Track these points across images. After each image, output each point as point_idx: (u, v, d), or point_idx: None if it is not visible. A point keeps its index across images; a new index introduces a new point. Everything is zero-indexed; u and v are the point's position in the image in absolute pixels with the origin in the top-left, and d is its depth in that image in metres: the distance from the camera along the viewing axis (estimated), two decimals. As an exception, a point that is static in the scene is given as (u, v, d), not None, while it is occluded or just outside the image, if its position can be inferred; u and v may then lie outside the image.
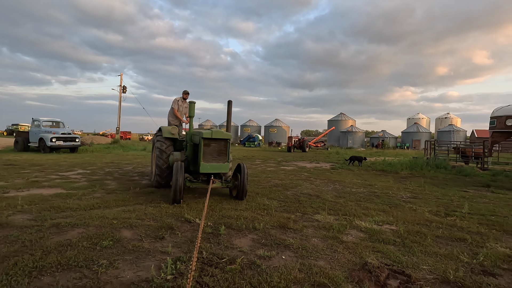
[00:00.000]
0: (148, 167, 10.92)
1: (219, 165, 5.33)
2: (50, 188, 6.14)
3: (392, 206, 5.65)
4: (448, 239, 3.78)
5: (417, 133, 46.51)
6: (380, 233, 3.87)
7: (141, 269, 2.63)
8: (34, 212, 4.27)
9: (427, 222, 4.52)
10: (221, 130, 5.50)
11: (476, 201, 6.46)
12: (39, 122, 16.57)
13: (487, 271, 2.85)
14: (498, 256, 3.20)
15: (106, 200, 5.20)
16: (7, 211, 4.20)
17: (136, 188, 6.39)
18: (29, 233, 3.35)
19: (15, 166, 9.52)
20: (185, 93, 7.44)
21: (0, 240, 3.13)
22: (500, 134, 8.56)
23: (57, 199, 5.13)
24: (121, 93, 31.84)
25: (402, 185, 8.55)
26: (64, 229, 3.55)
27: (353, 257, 3.06)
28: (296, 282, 2.48)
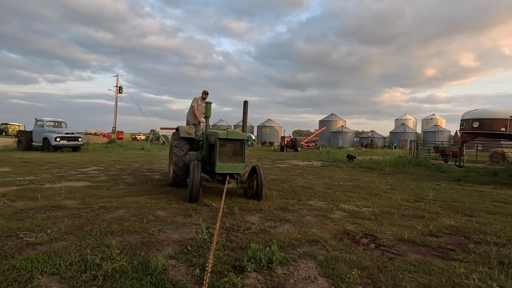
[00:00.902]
0: (155, 164, 11.79)
1: (235, 165, 5.39)
2: (77, 181, 7.01)
3: (372, 195, 6.74)
4: (411, 216, 4.87)
5: (404, 133, 48.38)
6: (359, 213, 4.93)
7: (183, 233, 3.61)
8: (78, 198, 5.18)
9: (398, 206, 5.61)
10: (236, 130, 5.62)
11: (443, 192, 7.63)
12: (42, 122, 17.17)
13: (432, 234, 3.93)
14: (444, 225, 4.30)
15: (132, 190, 6.13)
16: (58, 198, 5.10)
17: (153, 181, 7.31)
18: (86, 212, 4.28)
19: (31, 163, 10.26)
20: (204, 93, 7.34)
21: (66, 216, 4.05)
22: (468, 135, 9.80)
23: (90, 190, 6.03)
24: (117, 94, 32.33)
25: (384, 180, 9.69)
26: (111, 210, 4.49)
27: (337, 227, 4.10)
28: (296, 239, 3.50)
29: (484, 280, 2.59)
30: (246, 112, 6.27)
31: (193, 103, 7.32)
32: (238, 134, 5.45)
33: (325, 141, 52.31)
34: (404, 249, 3.36)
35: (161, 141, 32.49)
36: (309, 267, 2.78)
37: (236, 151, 5.45)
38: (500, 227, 4.28)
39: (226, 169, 5.31)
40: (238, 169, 5.42)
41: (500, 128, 8.82)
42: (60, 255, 2.73)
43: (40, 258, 2.64)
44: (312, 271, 2.70)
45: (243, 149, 5.50)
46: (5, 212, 4.11)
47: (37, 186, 6.20)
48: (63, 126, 18.06)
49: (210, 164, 5.69)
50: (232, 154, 5.43)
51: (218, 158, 5.28)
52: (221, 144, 5.33)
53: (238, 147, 5.46)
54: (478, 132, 9.48)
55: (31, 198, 5.08)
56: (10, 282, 2.24)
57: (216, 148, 5.29)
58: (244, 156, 5.52)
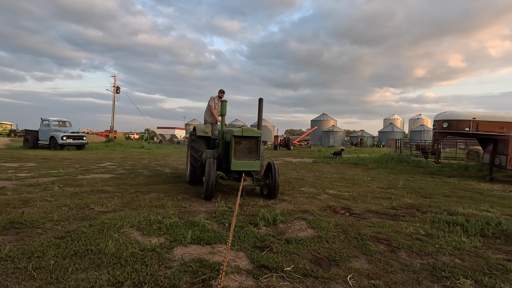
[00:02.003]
0: (161, 161, 12.90)
1: (250, 162, 5.44)
2: (102, 174, 8.11)
3: (354, 184, 8.06)
4: (381, 198, 6.18)
5: (392, 133, 50.34)
6: (341, 196, 6.22)
7: (207, 207, 4.81)
8: (113, 186, 6.33)
9: (373, 191, 6.93)
10: (252, 128, 5.68)
11: (414, 182, 9.01)
12: (48, 121, 18.04)
13: (393, 208, 5.23)
14: (404, 203, 5.62)
15: (153, 180, 7.29)
16: (98, 185, 6.24)
17: (167, 174, 8.47)
18: (126, 195, 5.44)
19: (50, 160, 11.26)
20: (221, 92, 7.31)
21: (113, 197, 5.20)
22: (439, 134, 11.20)
23: (118, 180, 7.16)
24: (115, 94, 33.09)
25: (366, 173, 11.05)
26: (145, 193, 5.65)
27: (323, 203, 5.37)
28: (292, 210, 4.75)
29: (417, 230, 3.89)
30: (261, 110, 6.27)
31: (210, 102, 7.34)
32: (253, 132, 5.52)
33: (317, 140, 53.88)
34: (369, 216, 4.65)
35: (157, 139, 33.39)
36: (301, 224, 4.04)
37: (251, 149, 5.51)
38: (445, 204, 5.63)
39: (242, 167, 5.39)
40: (254, 166, 5.46)
41: (465, 128, 10.25)
42: (128, 217, 3.92)
43: (117, 219, 3.82)
44: (303, 225, 3.96)
45: (258, 147, 5.53)
46: (65, 194, 5.25)
47: (72, 177, 7.30)
48: (67, 126, 18.94)
49: (226, 162, 5.74)
50: (248, 151, 5.50)
51: (233, 156, 5.35)
52: (236, 141, 5.41)
53: (253, 144, 5.52)
54: (447, 132, 10.90)
55: (77, 185, 6.21)
56: (106, 229, 3.42)
57: (231, 145, 5.37)
58: (259, 154, 5.56)
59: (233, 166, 5.33)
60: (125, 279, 2.31)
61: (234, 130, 5.49)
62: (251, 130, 5.50)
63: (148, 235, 3.33)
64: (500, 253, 3.25)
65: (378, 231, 3.80)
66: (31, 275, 2.33)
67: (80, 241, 3.01)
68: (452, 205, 5.54)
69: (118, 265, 2.53)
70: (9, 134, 50.88)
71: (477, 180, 10.22)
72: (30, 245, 2.88)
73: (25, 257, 2.62)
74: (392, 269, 2.72)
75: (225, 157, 5.86)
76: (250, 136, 5.48)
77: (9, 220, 3.59)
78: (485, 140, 11.55)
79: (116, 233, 3.31)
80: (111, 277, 2.32)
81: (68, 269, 2.43)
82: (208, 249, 3.03)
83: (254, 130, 5.54)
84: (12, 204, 4.37)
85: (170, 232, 3.42)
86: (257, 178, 5.81)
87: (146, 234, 3.35)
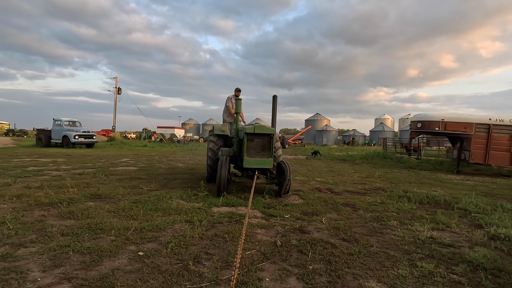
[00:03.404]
0: (170, 157, 14.41)
1: (263, 160, 5.38)
2: (128, 167, 9.61)
3: (339, 174, 9.72)
4: (358, 183, 7.83)
5: (382, 132, 52.40)
6: (327, 182, 7.85)
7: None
8: (144, 175, 7.86)
9: (353, 179, 8.58)
10: (264, 125, 5.64)
11: (390, 173, 10.70)
12: (60, 122, 19.36)
13: (365, 189, 6.88)
14: (374, 186, 7.27)
15: (172, 171, 8.83)
16: (132, 174, 7.77)
17: (182, 167, 10.01)
18: (158, 180, 6.97)
19: (74, 156, 12.69)
20: (237, 91, 7.35)
21: (148, 181, 6.73)
22: (414, 133, 12.95)
23: (144, 171, 8.67)
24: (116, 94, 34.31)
25: (352, 167, 12.73)
26: (172, 179, 7.20)
27: (311, 186, 6.99)
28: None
29: (375, 200, 5.52)
30: (275, 107, 6.21)
31: (227, 103, 7.48)
32: (266, 129, 5.48)
33: (311, 139, 55.69)
34: (345, 193, 6.29)
35: (158, 138, 34.75)
36: (295, 197, 5.66)
37: (264, 146, 5.48)
38: (406, 187, 7.30)
39: (254, 164, 5.36)
40: (266, 164, 5.40)
41: (435, 127, 11.97)
42: (171, 193, 5.47)
43: (164, 193, 5.37)
44: (296, 198, 5.58)
45: (271, 144, 5.49)
46: (113, 180, 6.78)
47: (106, 168, 8.79)
48: (77, 125, 20.26)
49: (240, 159, 5.71)
50: (260, 149, 5.46)
51: (245, 153, 5.35)
52: (249, 139, 5.41)
53: (266, 141, 5.48)
54: (421, 131, 12.63)
55: (116, 174, 7.73)
56: (161, 199, 4.97)
57: (244, 143, 5.37)
58: (272, 151, 5.51)
59: (245, 163, 5.34)
60: (190, 218, 3.89)
61: (246, 127, 5.53)
62: (263, 127, 5.48)
63: (191, 202, 4.91)
64: (425, 211, 4.90)
65: (348, 201, 5.44)
66: (132, 217, 3.89)
67: (148, 204, 4.56)
68: (410, 188, 7.20)
69: (183, 214, 4.11)
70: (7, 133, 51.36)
71: (446, 173, 11.96)
72: (118, 206, 4.43)
73: (120, 211, 4.17)
74: (351, 217, 4.35)
75: (239, 154, 5.83)
76: (263, 134, 5.44)
77: (91, 193, 5.13)
78: (454, 138, 13.33)
79: (169, 200, 4.87)
80: (182, 218, 3.90)
81: (152, 215, 3.99)
82: (234, 209, 4.61)
83: (266, 127, 5.55)
84: (84, 184, 5.90)
85: (205, 200, 5.00)
86: (271, 176, 5.86)
87: (190, 202, 4.92)
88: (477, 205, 5.13)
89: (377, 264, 2.78)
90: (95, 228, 3.41)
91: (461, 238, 3.63)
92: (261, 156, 5.47)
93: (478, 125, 11.64)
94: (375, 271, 2.63)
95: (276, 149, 6.10)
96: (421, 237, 3.55)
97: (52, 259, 2.61)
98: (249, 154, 5.41)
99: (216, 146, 6.60)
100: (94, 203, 4.58)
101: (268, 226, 3.81)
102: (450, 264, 2.83)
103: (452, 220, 4.28)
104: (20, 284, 2.18)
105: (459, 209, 5.03)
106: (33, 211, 4.03)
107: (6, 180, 6.09)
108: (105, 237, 3.18)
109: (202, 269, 2.54)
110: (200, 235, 3.33)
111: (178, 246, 2.99)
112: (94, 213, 4.00)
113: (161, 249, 2.91)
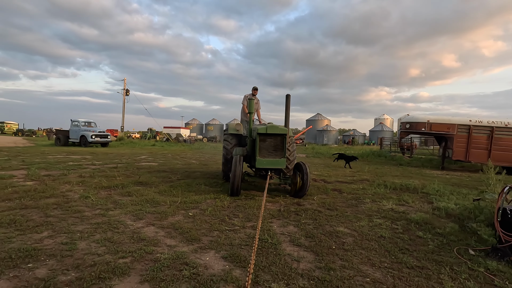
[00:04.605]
0: (182, 155, 15.84)
1: (275, 160, 5.33)
2: (149, 163, 11.03)
3: (333, 169, 11.10)
4: (348, 176, 9.22)
5: (381, 132, 53.64)
6: (322, 175, 9.24)
7: (237, 178, 7.81)
8: (167, 169, 9.28)
9: (345, 173, 9.97)
10: (277, 125, 5.56)
11: (380, 169, 12.07)
12: (78, 122, 20.84)
13: (353, 180, 8.26)
14: (362, 178, 8.67)
15: (189, 167, 10.25)
16: (157, 167, 9.19)
17: (196, 163, 11.44)
18: (180, 172, 8.39)
19: (98, 154, 14.14)
20: (254, 89, 7.36)
21: (172, 174, 8.15)
22: (403, 133, 14.33)
23: (165, 166, 10.09)
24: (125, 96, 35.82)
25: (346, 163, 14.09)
26: (192, 172, 8.61)
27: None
28: (289, 180, 7.77)
29: (358, 187, 6.91)
30: (288, 107, 6.04)
31: (243, 102, 7.57)
32: (278, 129, 5.41)
33: (311, 138, 57.03)
34: (336, 183, 7.68)
35: (164, 138, 36.18)
36: (294, 184, 7.06)
37: (276, 146, 5.43)
38: (388, 178, 8.68)
39: (266, 164, 5.33)
40: (279, 164, 5.36)
41: (421, 128, 13.32)
42: (196, 181, 6.88)
43: (191, 181, 6.78)
44: (295, 185, 6.99)
45: (284, 144, 5.43)
46: (144, 172, 8.20)
47: (132, 164, 10.22)
48: (93, 126, 21.73)
49: (254, 159, 5.62)
50: (273, 149, 5.43)
51: (258, 153, 5.33)
52: (261, 139, 5.38)
53: (278, 142, 5.43)
54: (409, 131, 13.99)
55: (144, 167, 9.16)
56: (187, 185, 6.38)
57: (256, 143, 5.35)
58: (285, 152, 5.44)
59: (258, 163, 5.33)
60: (217, 196, 5.30)
61: (258, 127, 5.51)
62: (276, 128, 5.41)
63: (214, 187, 6.31)
64: (395, 194, 6.28)
65: (337, 187, 6.84)
66: (174, 196, 5.29)
67: (182, 188, 5.97)
68: (392, 179, 8.58)
69: (210, 193, 5.52)
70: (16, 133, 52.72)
71: (432, 169, 13.31)
72: (159, 189, 5.84)
73: (163, 192, 5.57)
74: (336, 197, 5.75)
75: (252, 154, 5.80)
76: (275, 134, 5.40)
77: (134, 181, 6.56)
78: (440, 138, 14.68)
79: (197, 186, 6.29)
80: (210, 196, 5.31)
81: (188, 194, 5.40)
82: (247, 192, 6.01)
83: (279, 127, 5.46)
84: (124, 175, 7.34)
85: (225, 186, 6.41)
86: (284, 177, 5.87)
87: (212, 187, 6.33)
88: (438, 191, 6.51)
89: (347, 220, 4.19)
90: (151, 201, 4.83)
91: (412, 209, 5.02)
92: (274, 156, 5.42)
93: (460, 126, 12.99)
94: (345, 223, 4.04)
95: (291, 152, 6.08)
96: (384, 208, 4.96)
97: (134, 216, 4.02)
98: (261, 154, 5.38)
99: (230, 145, 6.61)
100: (140, 187, 5.99)
101: (274, 202, 5.23)
102: (395, 220, 4.24)
103: (412, 199, 5.67)
104: (125, 226, 3.60)
105: (422, 193, 6.43)
106: (100, 191, 5.45)
107: (62, 172, 7.54)
108: (161, 206, 4.59)
109: (233, 221, 3.95)
110: (227, 205, 4.75)
111: (214, 210, 4.41)
112: (145, 193, 5.42)
113: (203, 212, 4.33)
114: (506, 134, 12.64)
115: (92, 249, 2.89)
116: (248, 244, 3.16)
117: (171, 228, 3.58)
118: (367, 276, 2.56)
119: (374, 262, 2.84)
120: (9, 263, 2.51)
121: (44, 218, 3.79)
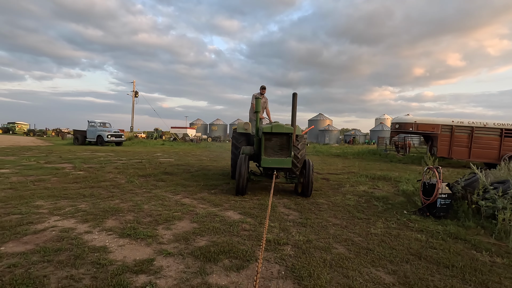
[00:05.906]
0: (192, 153, 17.43)
1: (281, 159, 5.31)
2: (166, 159, 12.60)
3: (328, 165, 12.59)
4: (339, 169, 10.70)
5: (382, 131, 54.87)
6: (316, 168, 10.73)
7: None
8: (183, 163, 10.84)
9: (337, 167, 11.45)
10: (282, 124, 5.54)
11: (370, 165, 13.54)
12: (94, 123, 22.54)
13: (342, 172, 9.76)
14: (350, 171, 10.16)
15: (201, 162, 11.81)
16: (174, 163, 10.77)
17: (206, 159, 13.01)
18: (196, 166, 9.94)
19: (118, 152, 15.75)
20: (262, 88, 7.41)
21: (189, 169, 9.70)
22: (394, 133, 15.80)
23: (181, 161, 11.65)
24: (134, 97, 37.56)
25: (342, 161, 15.58)
26: (206, 166, 10.17)
27: (304, 171, 9.92)
28: (287, 172, 9.31)
29: (344, 177, 8.42)
30: (295, 105, 5.80)
31: (252, 101, 7.60)
32: (284, 128, 5.38)
33: (313, 138, 58.43)
34: (327, 174, 9.18)
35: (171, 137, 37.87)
36: (291, 175, 8.60)
37: (282, 145, 5.43)
38: (373, 171, 10.15)
39: (272, 164, 5.34)
40: (285, 163, 5.32)
41: (409, 128, 14.77)
42: (208, 172, 8.43)
43: (208, 172, 8.34)
44: (292, 175, 8.53)
45: (289, 144, 5.41)
46: (166, 166, 9.76)
47: (153, 159, 11.80)
48: (108, 126, 23.41)
49: (259, 158, 5.63)
50: (278, 148, 5.43)
51: (263, 152, 5.34)
52: (267, 138, 5.40)
53: (284, 141, 5.43)
54: (399, 131, 15.45)
55: (164, 162, 10.73)
56: (205, 175, 7.93)
57: (262, 142, 5.39)
58: (291, 151, 5.40)
59: (263, 162, 5.35)
60: (231, 182, 6.84)
61: (263, 126, 5.57)
62: (281, 127, 5.39)
63: (226, 177, 7.84)
64: (372, 182, 7.77)
65: (326, 177, 8.36)
66: (197, 181, 6.84)
67: (201, 176, 7.52)
68: (375, 172, 10.05)
69: (226, 179, 7.06)
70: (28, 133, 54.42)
71: (419, 165, 14.72)
72: (183, 177, 7.38)
73: (187, 179, 7.12)
74: (323, 183, 7.26)
75: (258, 153, 5.78)
76: (281, 133, 5.39)
77: (162, 172, 8.12)
78: (427, 137, 16.10)
79: (213, 175, 7.83)
80: (225, 181, 6.85)
81: (208, 180, 6.95)
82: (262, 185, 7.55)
83: (284, 126, 5.43)
84: (152, 167, 8.92)
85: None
86: (291, 176, 5.91)
87: (225, 177, 7.86)
88: (407, 179, 7.98)
89: (326, 196, 5.72)
90: (181, 184, 6.38)
91: (380, 191, 6.52)
92: (279, 155, 5.40)
93: (443, 126, 14.40)
94: (324, 198, 5.57)
95: (300, 150, 5.86)
96: (358, 190, 6.47)
97: (172, 193, 5.57)
98: (267, 154, 5.40)
99: (239, 144, 6.75)
100: (168, 176, 7.55)
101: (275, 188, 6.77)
102: (361, 197, 5.76)
103: (383, 185, 7.16)
104: (169, 199, 5.14)
105: (395, 181, 7.92)
106: (138, 178, 7.01)
107: (99, 165, 9.13)
108: (189, 186, 6.15)
109: (244, 196, 5.50)
110: (238, 187, 6.29)
111: (229, 190, 5.95)
112: (174, 179, 6.98)
113: (221, 191, 5.87)
114: (485, 133, 14.03)
115: (153, 208, 4.44)
116: (256, 207, 4.69)
117: (201, 199, 5.13)
118: (330, 222, 4.09)
119: (337, 216, 4.37)
120: (107, 214, 4.06)
121: (109, 193, 5.35)
